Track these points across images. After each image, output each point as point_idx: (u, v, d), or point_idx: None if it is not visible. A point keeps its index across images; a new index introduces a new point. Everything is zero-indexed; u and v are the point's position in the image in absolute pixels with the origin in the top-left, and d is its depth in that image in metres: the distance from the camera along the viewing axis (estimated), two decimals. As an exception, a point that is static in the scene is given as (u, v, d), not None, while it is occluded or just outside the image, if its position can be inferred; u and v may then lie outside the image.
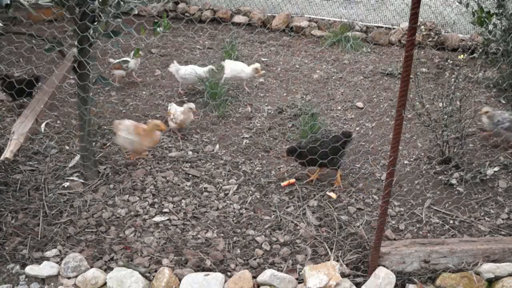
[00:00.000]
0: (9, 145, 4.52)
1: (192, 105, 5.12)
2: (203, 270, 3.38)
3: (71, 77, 5.95)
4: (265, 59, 7.48)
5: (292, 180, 4.37)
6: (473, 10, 4.63)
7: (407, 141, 5.21)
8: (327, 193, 4.17)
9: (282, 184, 4.33)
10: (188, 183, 4.34)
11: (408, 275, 3.36)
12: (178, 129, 5.18)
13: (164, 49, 7.76)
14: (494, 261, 3.39)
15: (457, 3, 4.88)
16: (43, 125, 5.15)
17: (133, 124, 4.56)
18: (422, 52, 7.81)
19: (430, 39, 8.09)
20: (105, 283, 3.25)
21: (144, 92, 6.20)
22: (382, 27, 8.69)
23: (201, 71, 5.97)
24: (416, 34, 2.89)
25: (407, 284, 3.32)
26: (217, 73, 6.20)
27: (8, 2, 3.57)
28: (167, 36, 8.17)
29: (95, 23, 3.78)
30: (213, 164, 4.67)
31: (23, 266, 3.37)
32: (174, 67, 6.04)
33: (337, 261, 3.45)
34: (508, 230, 3.85)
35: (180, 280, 3.23)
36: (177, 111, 5.08)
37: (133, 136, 4.47)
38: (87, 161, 4.24)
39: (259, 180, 4.41)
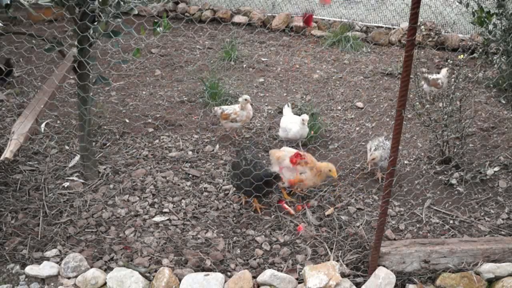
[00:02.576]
0: (9, 145, 4.51)
1: (246, 96, 4.82)
2: (203, 270, 3.38)
3: (71, 77, 5.95)
4: (265, 59, 7.49)
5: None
6: (473, 10, 4.63)
7: (407, 141, 5.21)
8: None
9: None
10: (188, 183, 4.34)
11: (408, 275, 3.36)
12: (239, 128, 4.97)
13: (164, 49, 7.76)
14: (494, 261, 3.39)
15: (457, 3, 4.88)
16: (43, 125, 5.15)
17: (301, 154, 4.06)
18: (422, 52, 7.81)
19: (430, 39, 8.09)
20: (105, 283, 3.25)
21: (144, 92, 6.20)
22: (382, 27, 8.69)
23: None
24: (416, 34, 2.89)
25: (407, 284, 3.32)
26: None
27: (8, 2, 3.57)
28: (167, 36, 8.17)
29: (95, 23, 3.78)
30: (213, 164, 4.67)
31: (23, 266, 3.37)
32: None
33: (337, 261, 3.44)
34: (508, 230, 3.85)
35: (180, 280, 3.23)
36: (236, 109, 4.81)
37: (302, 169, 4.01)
38: (87, 161, 4.24)
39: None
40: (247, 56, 7.49)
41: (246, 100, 4.82)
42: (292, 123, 4.76)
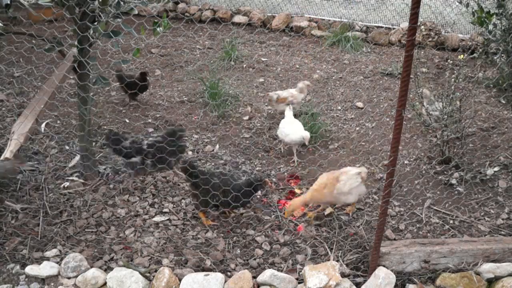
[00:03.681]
0: (9, 145, 4.51)
1: (308, 82, 5.43)
2: (203, 270, 3.38)
3: (71, 77, 5.95)
4: (265, 59, 7.48)
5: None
6: (473, 10, 4.62)
7: (407, 141, 5.21)
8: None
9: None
10: (188, 183, 4.33)
11: (408, 275, 3.36)
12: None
13: (164, 49, 7.76)
14: (494, 261, 3.39)
15: (457, 3, 4.88)
16: (43, 125, 5.15)
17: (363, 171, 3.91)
18: (422, 52, 7.81)
19: (430, 39, 8.09)
20: (105, 283, 3.25)
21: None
22: (382, 27, 8.69)
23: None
24: (416, 34, 2.90)
25: (407, 284, 3.32)
26: None
27: (8, 2, 3.57)
28: (167, 36, 8.17)
29: (95, 23, 3.78)
30: (213, 164, 4.67)
31: (23, 266, 3.37)
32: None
33: (337, 261, 3.44)
34: (508, 230, 3.85)
35: (180, 280, 3.23)
36: (292, 93, 5.32)
37: (362, 182, 3.87)
38: (87, 161, 4.24)
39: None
40: (247, 56, 7.49)
41: (308, 85, 5.46)
42: (290, 128, 4.72)
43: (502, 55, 4.54)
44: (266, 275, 3.23)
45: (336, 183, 3.73)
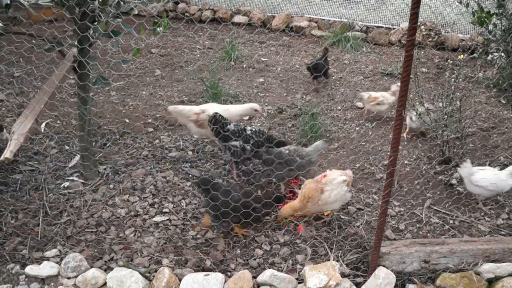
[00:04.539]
0: (9, 145, 4.51)
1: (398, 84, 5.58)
2: (203, 270, 3.38)
3: (71, 77, 5.95)
4: (265, 59, 7.48)
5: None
6: (473, 10, 4.62)
7: (407, 141, 5.20)
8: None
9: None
10: (188, 183, 4.34)
11: (408, 275, 3.36)
12: (383, 113, 5.57)
13: (164, 49, 7.76)
14: (494, 261, 3.39)
15: (457, 3, 4.88)
16: (43, 125, 5.15)
17: (348, 174, 3.79)
18: (422, 52, 7.81)
19: (430, 39, 8.09)
20: (105, 283, 3.25)
21: (144, 92, 6.20)
22: (382, 27, 8.69)
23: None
24: (416, 34, 2.89)
25: (407, 284, 3.32)
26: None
27: (8, 2, 3.57)
28: (167, 36, 8.17)
29: (95, 23, 3.78)
30: (213, 164, 4.67)
31: (23, 266, 3.37)
32: (466, 169, 4.08)
33: (337, 261, 3.44)
34: (508, 230, 3.85)
35: (180, 280, 3.23)
36: (384, 94, 5.52)
37: (348, 188, 3.77)
38: (87, 161, 4.24)
39: (259, 179, 4.41)
40: (247, 56, 7.49)
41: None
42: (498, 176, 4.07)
43: (502, 55, 4.55)
44: (266, 275, 3.23)
45: (320, 194, 3.66)
